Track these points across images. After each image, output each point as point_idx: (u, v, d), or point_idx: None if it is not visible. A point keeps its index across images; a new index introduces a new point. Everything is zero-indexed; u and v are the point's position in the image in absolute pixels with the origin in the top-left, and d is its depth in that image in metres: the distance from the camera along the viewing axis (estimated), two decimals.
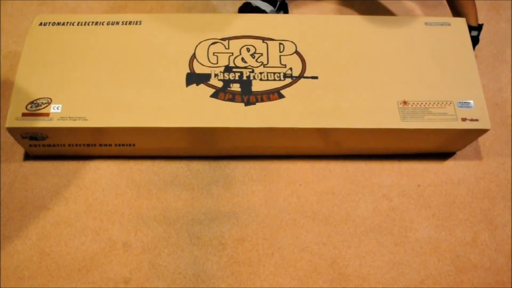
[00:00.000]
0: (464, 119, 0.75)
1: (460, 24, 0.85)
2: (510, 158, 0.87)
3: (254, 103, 0.74)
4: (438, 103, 0.76)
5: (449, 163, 0.86)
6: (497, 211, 0.81)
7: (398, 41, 0.82)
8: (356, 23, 0.84)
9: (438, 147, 0.83)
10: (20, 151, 0.82)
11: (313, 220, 0.78)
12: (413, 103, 0.76)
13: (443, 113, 0.76)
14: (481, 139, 0.88)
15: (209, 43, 0.80)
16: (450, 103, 0.77)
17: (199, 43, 0.79)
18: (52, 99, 0.73)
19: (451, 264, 0.75)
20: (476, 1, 0.87)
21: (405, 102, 0.76)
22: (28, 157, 0.81)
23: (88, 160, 0.81)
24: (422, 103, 0.76)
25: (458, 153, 0.87)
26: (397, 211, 0.80)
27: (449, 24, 0.85)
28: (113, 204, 0.77)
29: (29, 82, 0.75)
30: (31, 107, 0.72)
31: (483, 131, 0.77)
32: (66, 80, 0.75)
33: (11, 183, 0.78)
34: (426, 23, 0.85)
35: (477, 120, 0.76)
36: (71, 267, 0.71)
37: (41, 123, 0.71)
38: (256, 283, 0.71)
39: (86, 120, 0.72)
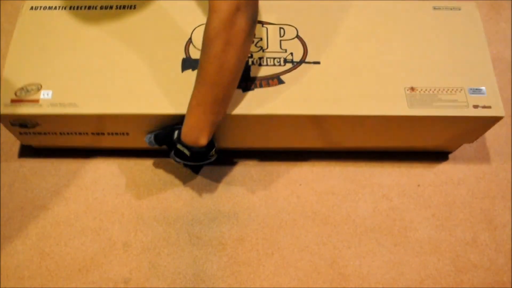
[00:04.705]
0: (476, 106, 0.71)
1: (471, 9, 0.81)
2: (510, 158, 0.87)
3: (252, 89, 0.72)
4: (448, 89, 0.73)
5: (449, 163, 0.86)
6: (497, 211, 0.81)
7: (404, 25, 0.79)
8: (360, 8, 0.81)
9: (446, 141, 0.80)
10: (20, 151, 0.82)
11: (313, 220, 0.78)
12: (421, 90, 0.72)
13: (453, 100, 0.72)
14: (482, 139, 0.88)
15: None
16: (461, 89, 0.73)
17: (195, 28, 0.77)
18: (42, 85, 0.71)
19: (451, 264, 0.75)
20: (476, 1, 0.86)
21: (412, 89, 0.72)
22: (28, 156, 0.81)
23: (88, 160, 0.81)
24: (430, 90, 0.72)
25: (458, 153, 0.87)
26: (397, 211, 0.80)
27: (459, 9, 0.81)
28: (113, 204, 0.77)
29: (19, 67, 0.73)
30: (20, 93, 0.70)
31: (496, 119, 0.73)
32: (57, 65, 0.73)
33: (11, 183, 0.78)
34: (434, 8, 0.81)
35: (489, 107, 0.72)
36: (71, 267, 0.71)
37: (30, 109, 0.69)
38: (256, 283, 0.71)
39: (77, 106, 0.69)
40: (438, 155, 0.87)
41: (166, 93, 0.71)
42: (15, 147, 0.82)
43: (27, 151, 0.81)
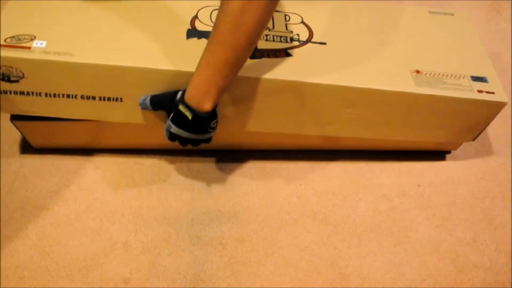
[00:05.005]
0: (480, 91, 0.73)
1: (463, 16, 0.86)
2: (510, 158, 0.87)
3: (258, 58, 0.70)
4: (451, 75, 0.75)
5: (449, 163, 0.86)
6: (497, 211, 0.81)
7: (404, 22, 0.83)
8: (361, 6, 0.85)
9: (447, 134, 0.80)
10: (20, 151, 0.82)
11: (313, 220, 0.78)
12: (426, 73, 0.74)
13: (458, 84, 0.74)
14: (482, 139, 0.88)
15: (212, 9, 0.77)
16: (464, 76, 0.75)
17: (202, 8, 0.77)
18: (37, 36, 0.67)
19: (451, 264, 0.75)
20: (476, 1, 0.87)
21: (418, 71, 0.74)
22: (28, 156, 0.81)
23: (88, 160, 0.81)
24: (435, 74, 0.74)
25: (458, 153, 0.87)
26: (397, 211, 0.80)
27: (452, 15, 0.86)
28: (113, 204, 0.77)
29: (13, 20, 0.68)
30: (11, 40, 0.66)
31: (500, 105, 0.74)
32: (54, 21, 0.69)
33: (11, 183, 0.78)
34: (429, 12, 0.86)
35: (493, 93, 0.73)
36: (71, 267, 0.71)
37: (19, 54, 0.64)
38: (256, 283, 0.71)
39: (72, 55, 0.65)
40: (438, 155, 0.87)
41: (167, 52, 0.68)
42: (15, 147, 0.82)
43: (27, 151, 0.81)
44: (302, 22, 0.78)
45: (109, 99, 0.70)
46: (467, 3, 1.12)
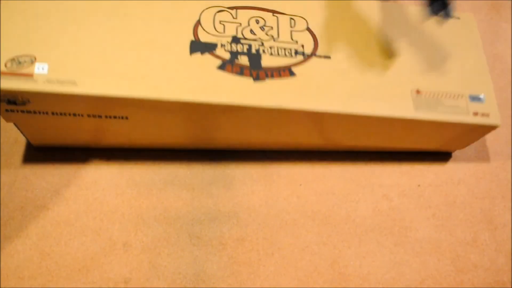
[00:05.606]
0: (475, 113, 0.74)
1: (469, 19, 0.86)
2: (510, 158, 0.87)
3: (263, 79, 0.71)
4: (450, 95, 0.75)
5: (449, 163, 0.86)
6: (497, 211, 0.81)
7: (409, 26, 0.82)
8: (367, 8, 0.83)
9: (443, 144, 0.82)
10: (20, 151, 0.81)
11: (313, 220, 0.78)
12: (426, 93, 0.74)
13: (455, 106, 0.74)
14: (482, 139, 0.88)
15: (215, 11, 0.76)
16: (462, 95, 0.75)
17: (204, 10, 0.75)
18: (37, 57, 0.65)
19: (451, 264, 0.75)
20: (476, 1, 0.87)
21: (418, 91, 0.74)
22: (28, 156, 0.81)
23: (88, 160, 0.81)
24: (435, 94, 0.75)
25: (458, 153, 0.87)
26: (397, 211, 0.80)
27: (459, 18, 0.85)
28: (113, 204, 0.77)
29: (11, 36, 0.66)
30: (11, 64, 0.63)
31: (492, 128, 0.76)
32: (53, 37, 0.67)
33: (11, 183, 0.78)
34: None
35: (487, 115, 0.75)
36: (71, 267, 0.71)
37: (23, 85, 0.63)
38: (256, 283, 0.71)
39: (76, 85, 0.64)
40: (438, 155, 0.87)
41: (174, 77, 0.68)
42: (15, 147, 0.82)
43: (27, 151, 0.81)
44: (307, 28, 0.78)
45: (115, 117, 0.71)
46: (467, 3, 1.12)
